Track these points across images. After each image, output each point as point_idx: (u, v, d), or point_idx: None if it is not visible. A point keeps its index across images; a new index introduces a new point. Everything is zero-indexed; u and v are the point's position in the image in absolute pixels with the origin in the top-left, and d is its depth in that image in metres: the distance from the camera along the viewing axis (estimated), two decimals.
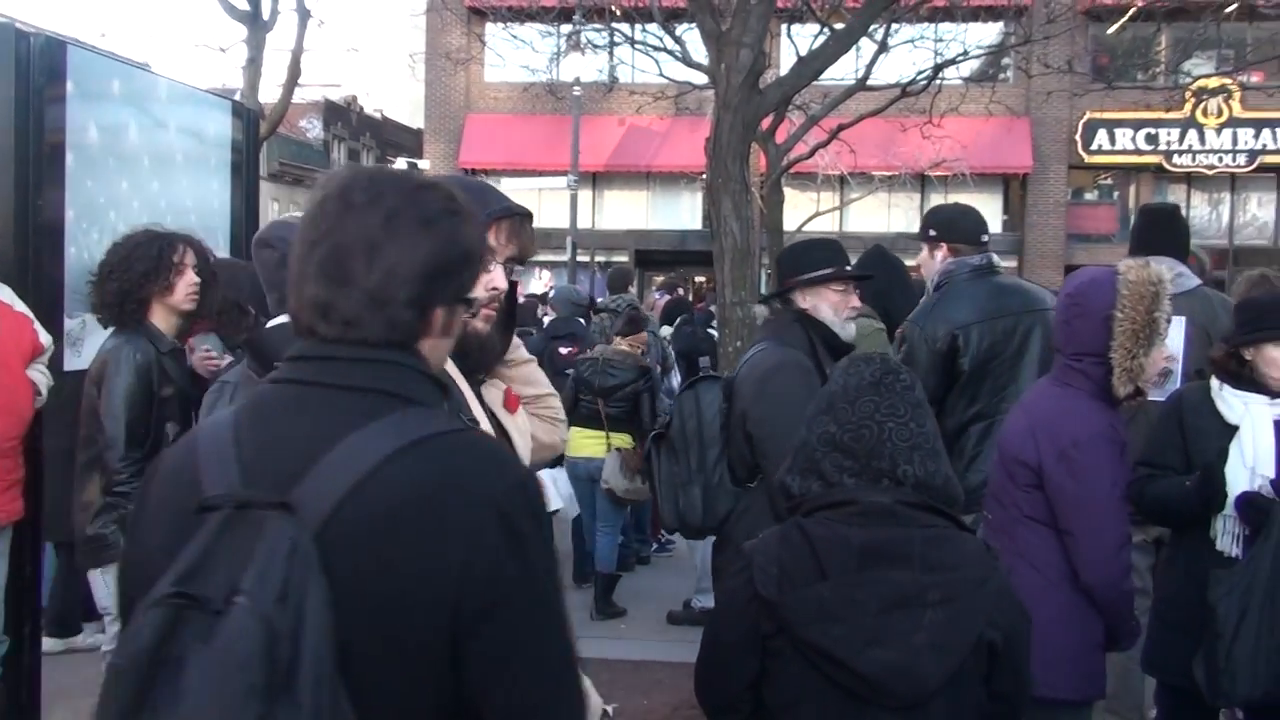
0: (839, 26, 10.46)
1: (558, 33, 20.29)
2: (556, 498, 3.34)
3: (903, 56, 16.90)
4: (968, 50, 16.60)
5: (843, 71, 14.89)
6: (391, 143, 41.73)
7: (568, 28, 19.70)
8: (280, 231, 3.21)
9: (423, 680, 1.52)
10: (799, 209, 23.75)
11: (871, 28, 12.03)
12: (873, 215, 26.47)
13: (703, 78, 13.01)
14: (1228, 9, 14.32)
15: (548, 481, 3.08)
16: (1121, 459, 3.45)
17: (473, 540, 1.52)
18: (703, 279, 24.58)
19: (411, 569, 1.50)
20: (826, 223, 24.85)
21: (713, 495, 4.12)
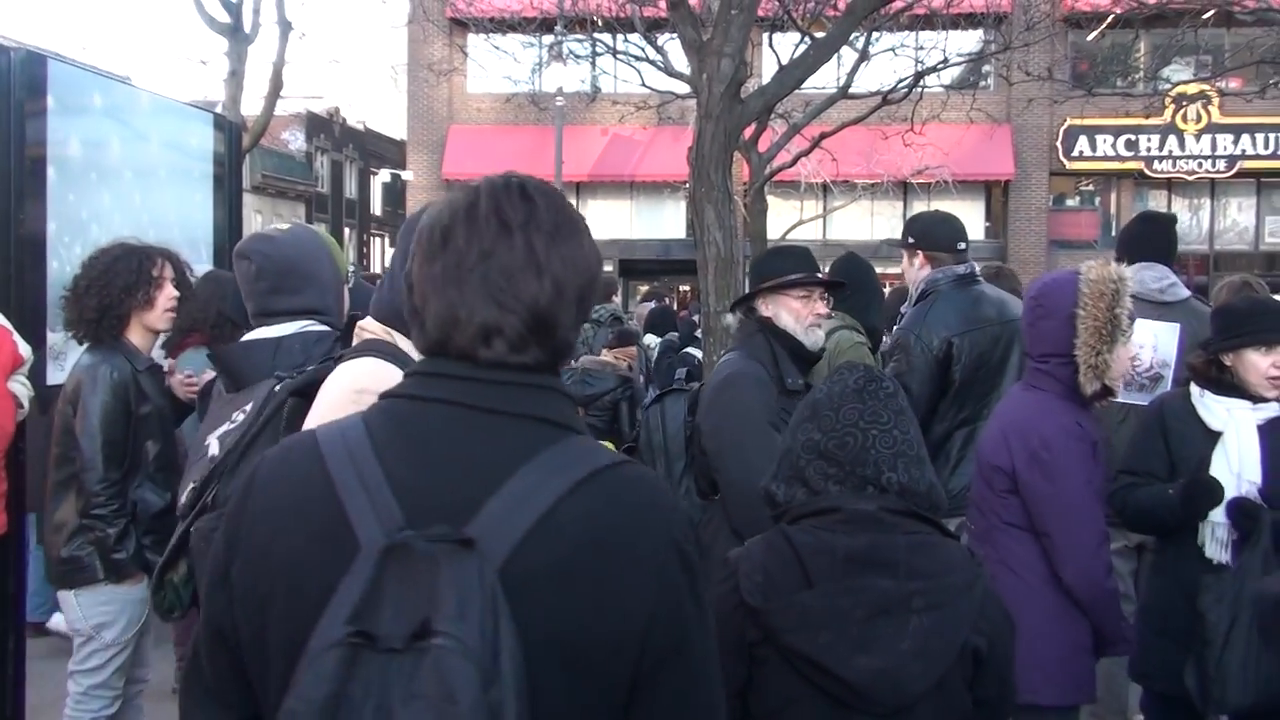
0: (820, 35, 10.50)
1: (540, 43, 20.34)
2: None
3: (884, 64, 16.95)
4: (948, 58, 16.64)
5: (824, 80, 14.92)
6: (374, 154, 41.74)
7: (550, 38, 19.73)
8: (257, 245, 3.18)
9: (602, 717, 1.49)
10: (783, 217, 23.80)
11: (852, 36, 12.07)
12: (856, 223, 26.56)
13: (685, 87, 13.06)
14: (1205, 15, 14.40)
15: None
16: (1094, 457, 3.47)
17: (660, 580, 1.50)
18: (687, 288, 24.62)
19: (599, 611, 1.46)
20: (810, 231, 24.91)
21: None
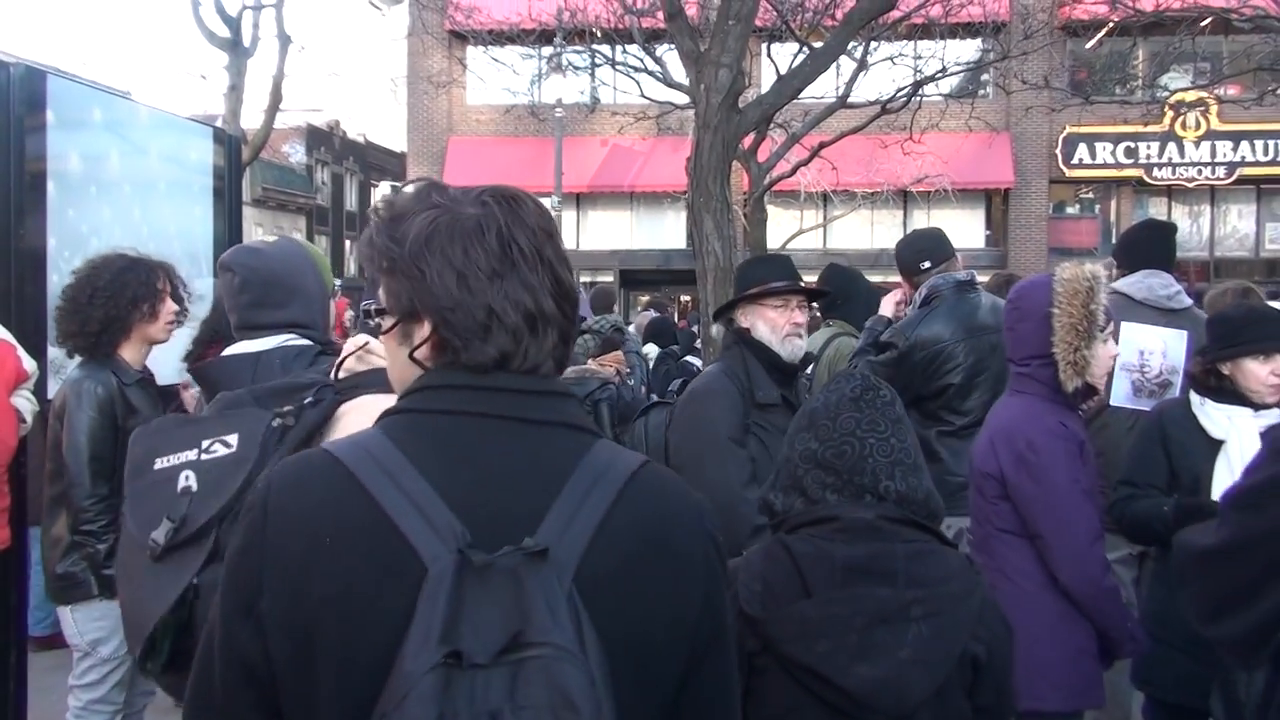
0: (818, 45, 10.52)
1: (539, 55, 20.40)
2: None
3: (882, 74, 16.99)
4: (946, 67, 16.70)
5: (823, 89, 14.99)
6: (374, 166, 41.80)
7: (548, 50, 19.78)
8: (242, 257, 3.14)
9: (655, 708, 1.54)
10: (783, 227, 23.83)
11: (850, 46, 12.10)
12: (856, 232, 26.57)
13: (684, 98, 13.11)
14: (1203, 23, 14.43)
15: None
16: (1080, 456, 3.47)
17: (706, 571, 1.59)
18: (688, 298, 24.63)
19: (661, 607, 1.53)
20: (810, 240, 24.95)
21: None
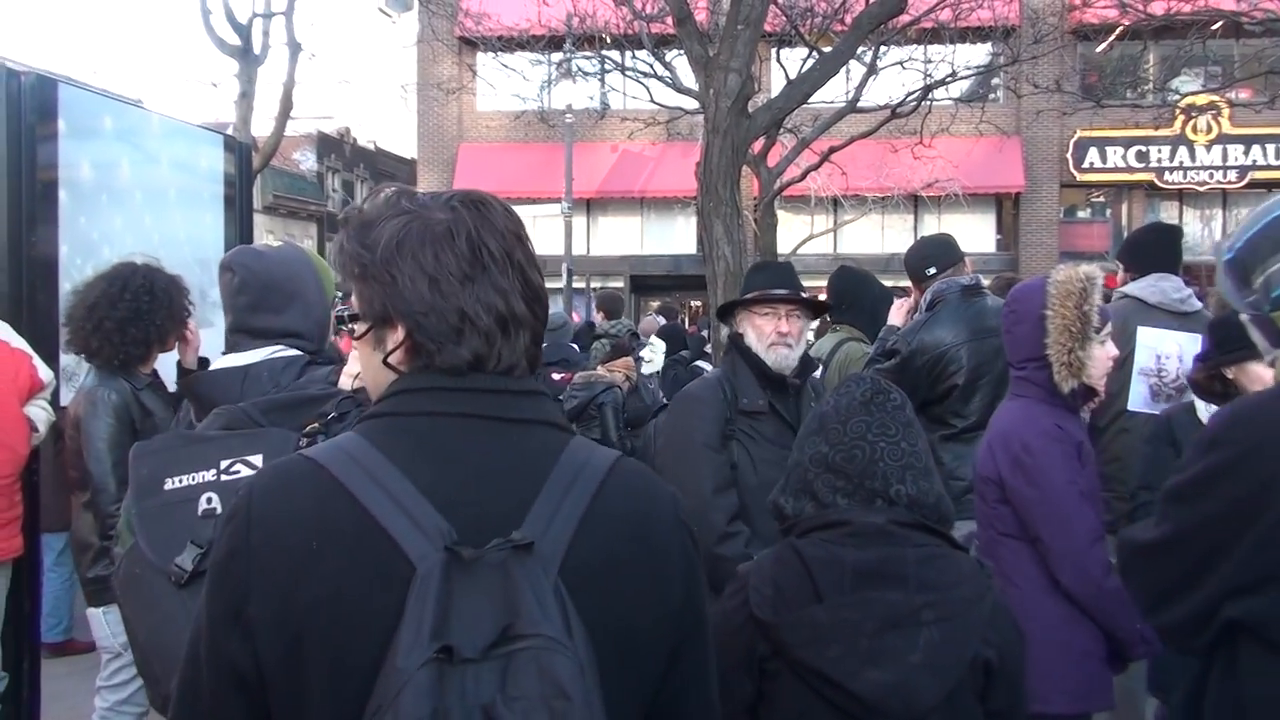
0: (827, 49, 10.52)
1: (548, 61, 20.42)
2: None
3: (892, 78, 16.99)
4: (956, 71, 16.67)
5: (832, 94, 14.99)
6: (385, 173, 41.82)
7: (558, 56, 19.79)
8: (243, 258, 3.14)
9: (640, 698, 1.58)
10: (793, 231, 23.82)
11: (860, 50, 12.10)
12: (867, 236, 26.55)
13: (693, 103, 13.10)
14: (1213, 26, 14.40)
15: None
16: (1078, 458, 3.46)
17: (684, 565, 1.62)
18: (698, 303, 24.64)
19: (645, 598, 1.56)
20: (821, 245, 24.95)
21: None
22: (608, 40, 17.34)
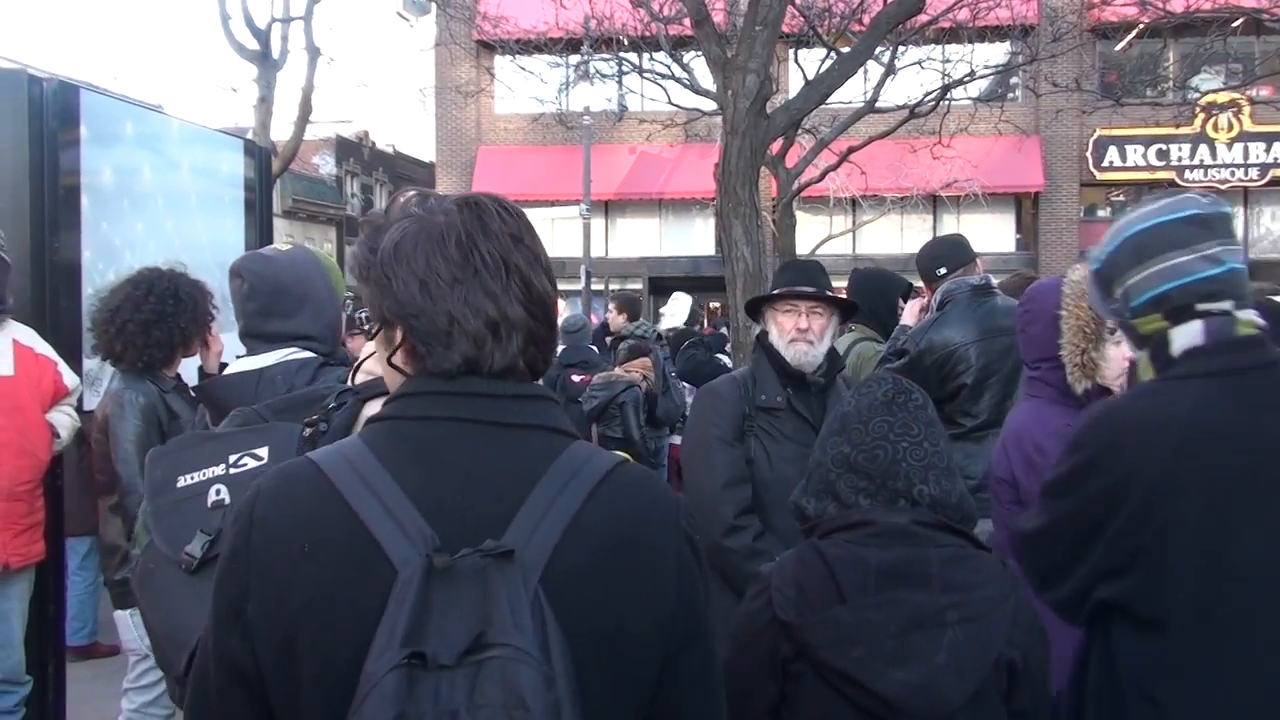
0: (845, 50, 10.50)
1: (566, 63, 20.43)
2: None
3: (910, 78, 16.94)
4: (975, 70, 16.62)
5: (851, 94, 14.96)
6: (404, 176, 41.91)
7: (576, 58, 19.81)
8: (251, 264, 3.15)
9: (632, 706, 1.56)
10: (811, 232, 23.79)
11: (878, 50, 12.07)
12: (886, 237, 26.50)
13: (711, 104, 13.09)
14: (1234, 23, 14.32)
15: None
16: None
17: (680, 569, 1.59)
18: (717, 304, 24.62)
19: (634, 606, 1.54)
20: (840, 245, 24.91)
21: None
22: (625, 42, 17.35)
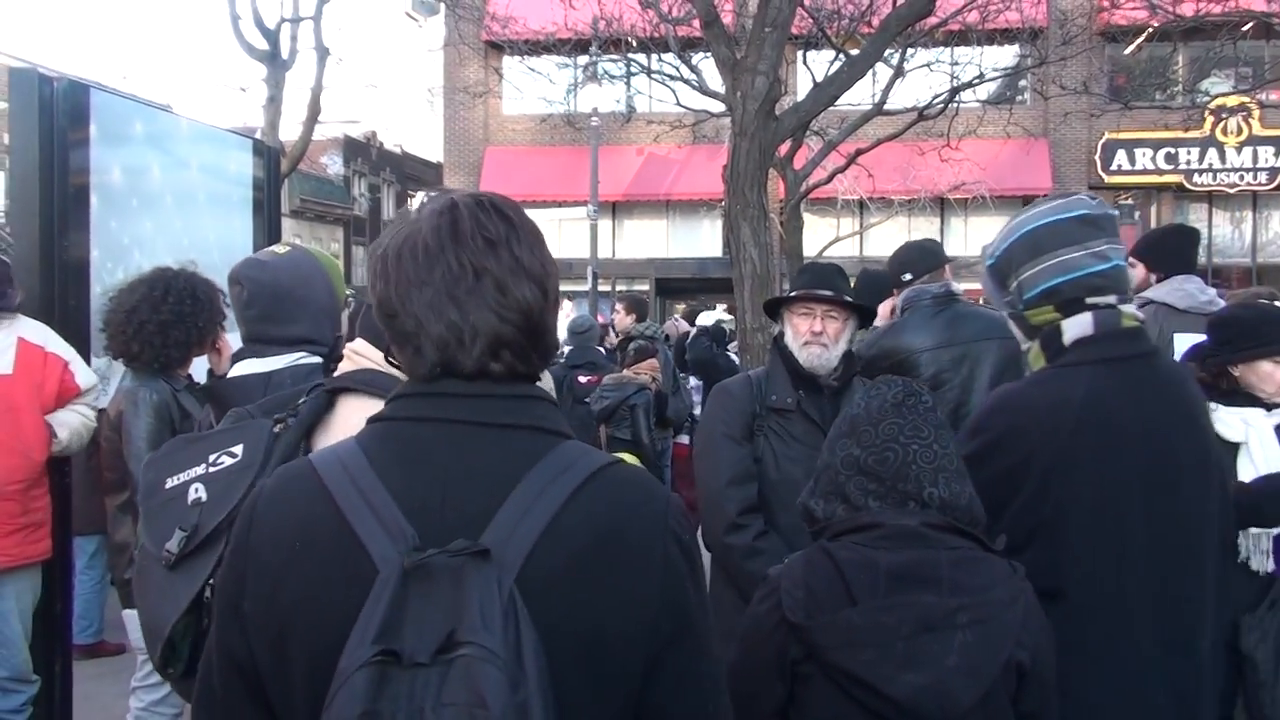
0: (854, 52, 10.49)
1: (574, 64, 20.43)
2: None
3: (919, 80, 16.94)
4: (984, 73, 16.61)
5: (859, 96, 14.92)
6: (412, 177, 41.99)
7: (584, 59, 19.83)
8: (249, 270, 3.13)
9: (615, 706, 1.56)
10: (819, 234, 23.79)
11: (887, 53, 12.07)
12: (893, 239, 26.38)
13: (720, 106, 13.08)
14: (1244, 27, 14.30)
15: None
16: None
17: (664, 569, 1.57)
18: (724, 306, 24.61)
19: (613, 606, 1.53)
20: (847, 247, 24.87)
21: None
22: (634, 43, 17.36)
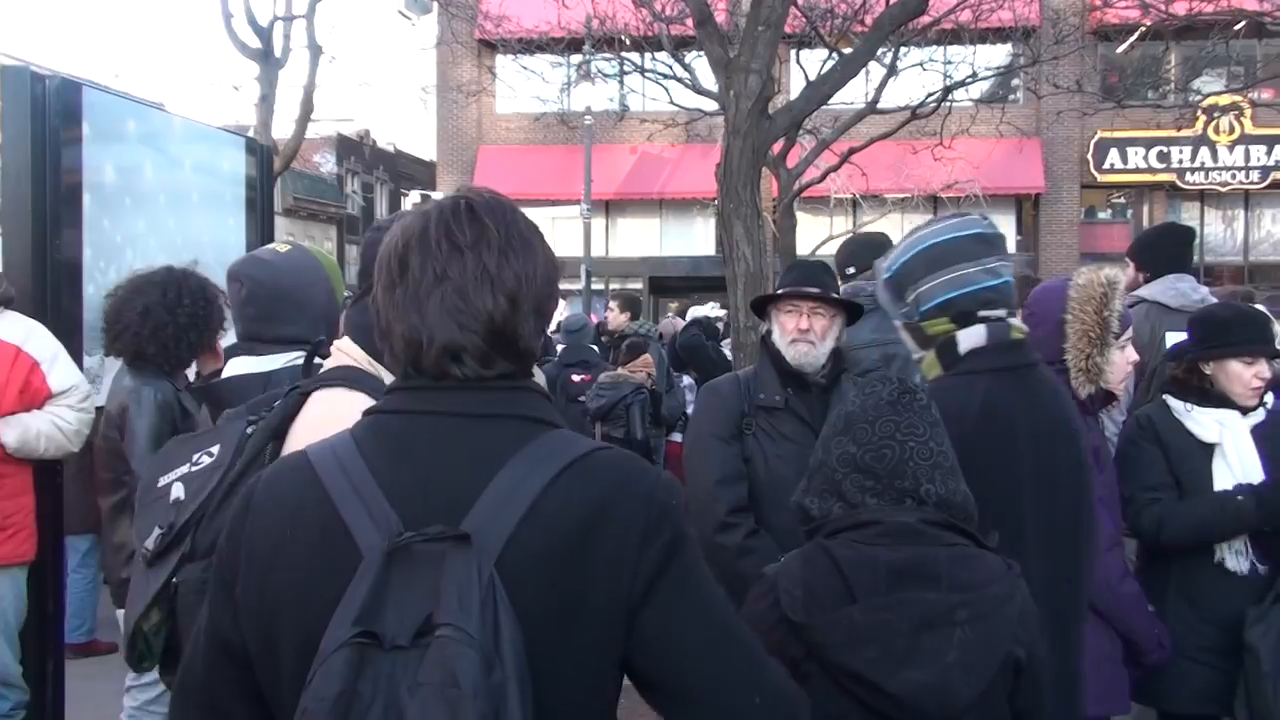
0: (847, 51, 10.49)
1: (568, 63, 20.42)
2: None
3: (912, 79, 16.93)
4: (976, 72, 16.61)
5: (852, 95, 14.93)
6: (405, 175, 41.93)
7: (577, 58, 19.81)
8: (249, 268, 3.14)
9: (597, 675, 1.59)
10: (812, 233, 23.76)
11: (880, 51, 12.07)
12: None
13: (713, 104, 13.10)
14: (1236, 27, 14.32)
15: None
16: (1095, 462, 3.43)
17: (643, 528, 1.59)
18: (716, 304, 24.61)
19: (592, 581, 1.55)
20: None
21: None
22: (627, 42, 17.35)
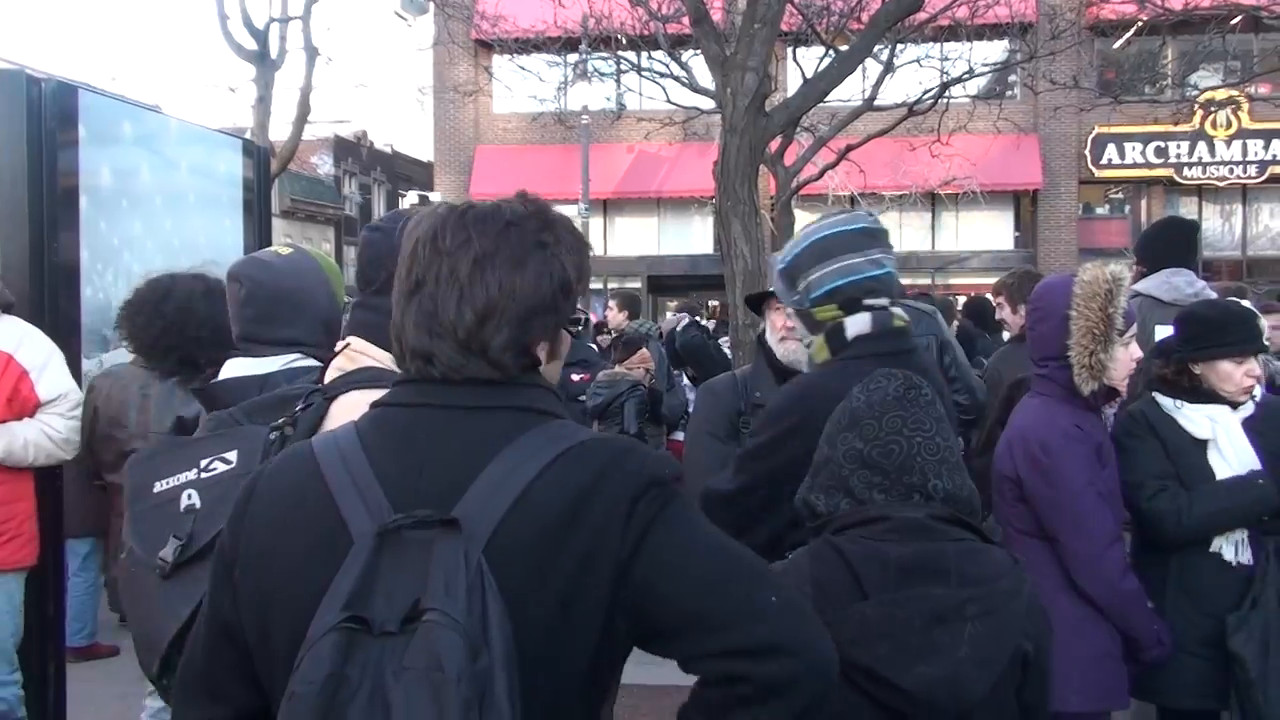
0: (844, 48, 10.49)
1: (564, 62, 20.43)
2: None
3: (909, 76, 16.94)
4: (973, 68, 16.62)
5: (849, 92, 14.95)
6: (402, 176, 41.90)
7: (574, 57, 19.81)
8: (250, 269, 3.11)
9: (587, 655, 1.58)
10: None
11: (876, 48, 12.07)
12: None
13: (710, 103, 13.08)
14: (1233, 21, 14.32)
15: None
16: (1098, 458, 3.45)
17: (630, 502, 1.58)
18: (716, 303, 24.61)
19: (580, 563, 1.55)
20: None
21: None
22: (624, 41, 17.33)
